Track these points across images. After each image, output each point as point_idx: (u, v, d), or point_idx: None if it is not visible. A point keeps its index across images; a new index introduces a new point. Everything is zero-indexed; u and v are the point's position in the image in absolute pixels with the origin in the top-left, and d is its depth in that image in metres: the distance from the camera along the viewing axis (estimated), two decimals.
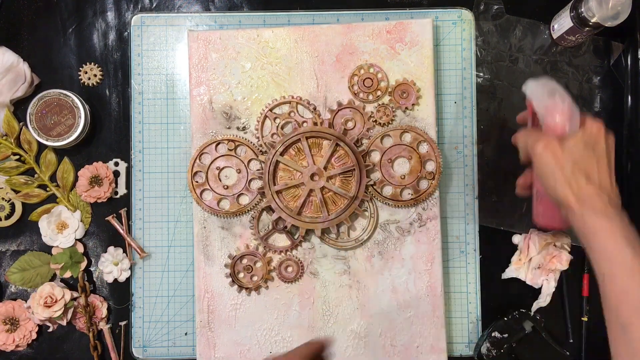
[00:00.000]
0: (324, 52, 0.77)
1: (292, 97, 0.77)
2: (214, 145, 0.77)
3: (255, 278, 0.76)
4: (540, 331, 0.77)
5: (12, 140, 0.79)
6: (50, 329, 0.79)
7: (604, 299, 0.58)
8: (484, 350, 0.77)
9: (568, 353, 0.78)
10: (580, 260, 0.80)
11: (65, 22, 0.81)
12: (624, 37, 0.80)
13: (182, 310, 0.79)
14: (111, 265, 0.79)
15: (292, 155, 0.76)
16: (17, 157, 0.80)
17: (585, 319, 0.79)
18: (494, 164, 0.80)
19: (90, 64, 0.81)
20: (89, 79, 0.81)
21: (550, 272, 0.77)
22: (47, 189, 0.80)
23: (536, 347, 0.79)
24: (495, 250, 0.80)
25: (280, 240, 0.77)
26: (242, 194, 0.77)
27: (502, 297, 0.80)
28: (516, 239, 0.79)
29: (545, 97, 0.62)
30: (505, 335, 0.77)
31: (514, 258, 0.78)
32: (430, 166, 0.76)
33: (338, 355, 0.76)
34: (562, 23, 0.76)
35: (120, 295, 0.80)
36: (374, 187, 0.76)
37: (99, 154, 0.81)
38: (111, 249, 0.79)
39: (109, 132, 0.81)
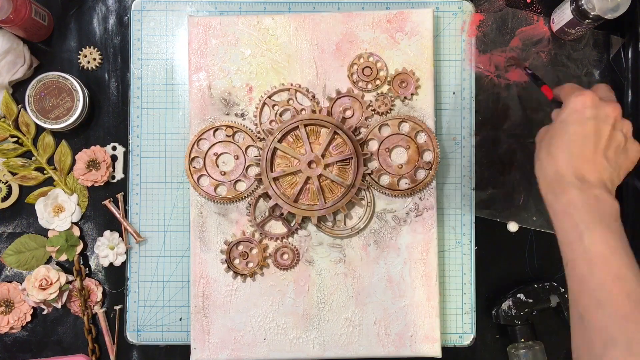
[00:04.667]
0: (324, 40, 0.77)
1: (291, 85, 0.77)
2: (212, 131, 0.77)
3: (250, 264, 0.76)
4: (564, 310, 0.77)
5: (10, 123, 0.79)
6: (45, 312, 0.79)
7: (568, 286, 0.57)
8: (504, 306, 0.77)
9: None
10: None
11: (65, 5, 0.81)
12: (623, 31, 0.80)
13: (177, 295, 0.79)
14: (107, 249, 0.79)
15: (290, 142, 0.76)
16: (15, 139, 0.80)
17: None
18: (491, 156, 0.80)
19: (90, 47, 0.81)
20: (88, 62, 0.81)
21: None
22: (45, 171, 0.80)
23: (554, 323, 0.80)
24: (491, 242, 0.80)
25: (277, 227, 0.77)
26: (240, 180, 0.77)
27: (497, 289, 0.80)
28: (511, 226, 0.79)
29: None
30: (530, 300, 0.77)
31: None
32: (428, 156, 0.76)
33: (332, 343, 0.76)
34: (562, 15, 0.77)
35: (116, 279, 0.80)
36: (371, 175, 0.76)
37: (96, 138, 0.81)
38: (107, 233, 0.79)
39: (107, 116, 0.81)
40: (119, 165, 0.80)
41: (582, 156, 0.57)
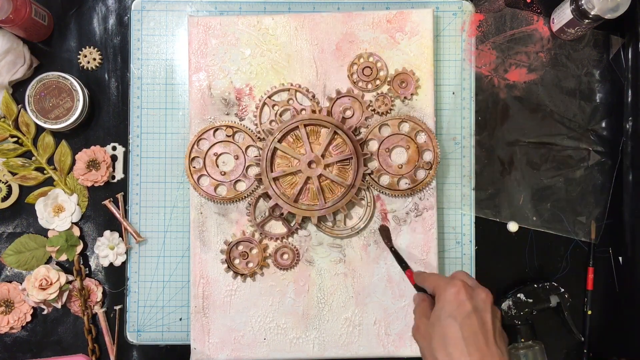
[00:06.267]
0: (324, 40, 0.77)
1: (291, 85, 0.77)
2: (212, 131, 0.77)
3: (250, 264, 0.76)
4: (564, 309, 0.77)
5: (10, 123, 0.79)
6: (45, 312, 0.79)
7: None
8: (504, 306, 0.77)
9: (583, 339, 0.79)
10: (585, 254, 0.80)
11: (65, 5, 0.81)
12: (623, 31, 0.80)
13: (177, 295, 0.79)
14: (107, 249, 0.79)
15: (290, 142, 0.76)
16: (15, 139, 0.80)
17: (589, 312, 0.79)
18: (491, 156, 0.80)
19: (90, 47, 0.81)
20: (88, 62, 0.81)
21: None
22: (45, 171, 0.80)
23: (554, 323, 0.80)
24: (491, 242, 0.80)
25: (277, 227, 0.77)
26: (240, 180, 0.77)
27: (497, 289, 0.80)
28: (511, 226, 0.79)
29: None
30: (530, 300, 0.78)
31: None
32: (428, 156, 0.76)
33: (332, 342, 0.76)
34: (562, 15, 0.77)
35: (116, 279, 0.80)
36: (371, 175, 0.76)
37: (96, 138, 0.81)
38: (107, 233, 0.79)
39: (107, 116, 0.81)
40: (119, 165, 0.80)
41: (480, 351, 0.56)
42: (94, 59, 0.81)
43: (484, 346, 0.57)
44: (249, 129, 0.77)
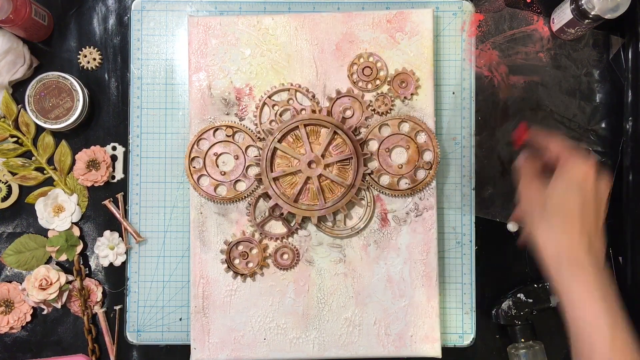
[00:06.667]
0: (324, 40, 0.77)
1: (291, 85, 0.77)
2: (212, 131, 0.77)
3: (250, 264, 0.76)
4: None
5: (10, 123, 0.79)
6: (45, 312, 0.79)
7: (573, 356, 0.59)
8: (504, 306, 0.77)
9: None
10: None
11: (65, 5, 0.81)
12: (623, 31, 0.80)
13: (177, 295, 0.79)
14: (107, 249, 0.79)
15: (290, 142, 0.76)
16: (15, 139, 0.80)
17: None
18: (491, 156, 0.80)
19: (90, 47, 0.81)
20: (88, 62, 0.81)
21: None
22: (44, 171, 0.80)
23: (554, 323, 0.80)
24: (491, 242, 0.80)
25: (277, 227, 0.77)
26: (239, 180, 0.77)
27: (497, 289, 0.80)
28: (511, 226, 0.79)
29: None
30: (530, 300, 0.77)
31: None
32: (428, 156, 0.76)
33: (332, 342, 0.76)
34: (562, 15, 0.77)
35: (116, 279, 0.80)
36: (371, 175, 0.76)
37: (96, 138, 0.81)
38: (107, 233, 0.79)
39: (107, 116, 0.81)
40: (119, 165, 0.80)
41: (591, 232, 0.61)
42: (94, 59, 0.81)
43: (595, 229, 0.62)
44: (249, 129, 0.77)
